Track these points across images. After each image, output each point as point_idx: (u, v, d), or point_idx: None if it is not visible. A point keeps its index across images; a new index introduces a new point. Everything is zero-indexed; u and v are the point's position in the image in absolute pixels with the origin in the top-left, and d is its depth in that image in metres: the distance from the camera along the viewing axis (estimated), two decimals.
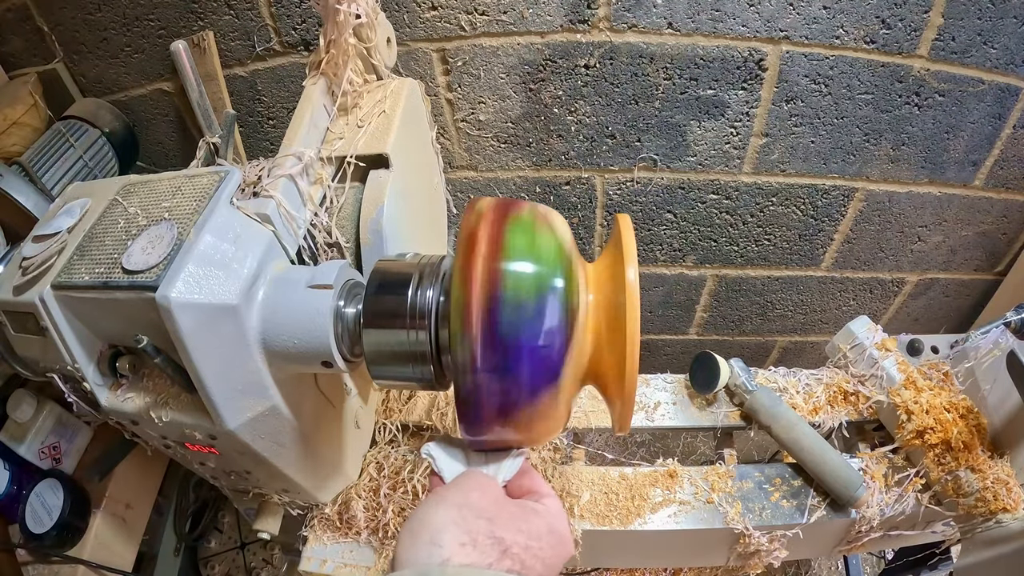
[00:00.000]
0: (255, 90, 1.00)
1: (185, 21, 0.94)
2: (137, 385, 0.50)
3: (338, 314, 0.46)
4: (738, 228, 1.11)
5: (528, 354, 0.36)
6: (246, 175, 0.54)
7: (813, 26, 0.87)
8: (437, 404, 0.74)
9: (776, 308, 1.26)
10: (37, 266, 0.48)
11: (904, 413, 0.72)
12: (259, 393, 0.47)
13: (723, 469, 0.73)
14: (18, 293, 0.48)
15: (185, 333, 0.41)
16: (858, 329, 0.82)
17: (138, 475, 1.05)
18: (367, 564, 0.67)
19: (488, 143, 1.02)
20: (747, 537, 0.68)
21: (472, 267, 0.37)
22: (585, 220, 1.12)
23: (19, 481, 0.90)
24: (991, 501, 0.67)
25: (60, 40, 0.98)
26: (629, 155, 1.01)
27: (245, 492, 0.67)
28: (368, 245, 0.59)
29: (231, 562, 1.50)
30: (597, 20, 0.87)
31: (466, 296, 0.36)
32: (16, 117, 0.93)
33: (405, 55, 0.92)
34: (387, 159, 0.59)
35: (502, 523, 0.34)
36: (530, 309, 0.36)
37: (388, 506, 0.67)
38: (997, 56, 0.91)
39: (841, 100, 0.94)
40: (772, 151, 1.00)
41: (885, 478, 0.72)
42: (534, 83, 0.94)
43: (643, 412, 0.78)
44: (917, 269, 1.21)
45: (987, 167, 1.05)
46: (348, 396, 0.64)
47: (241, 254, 0.45)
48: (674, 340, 1.34)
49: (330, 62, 0.61)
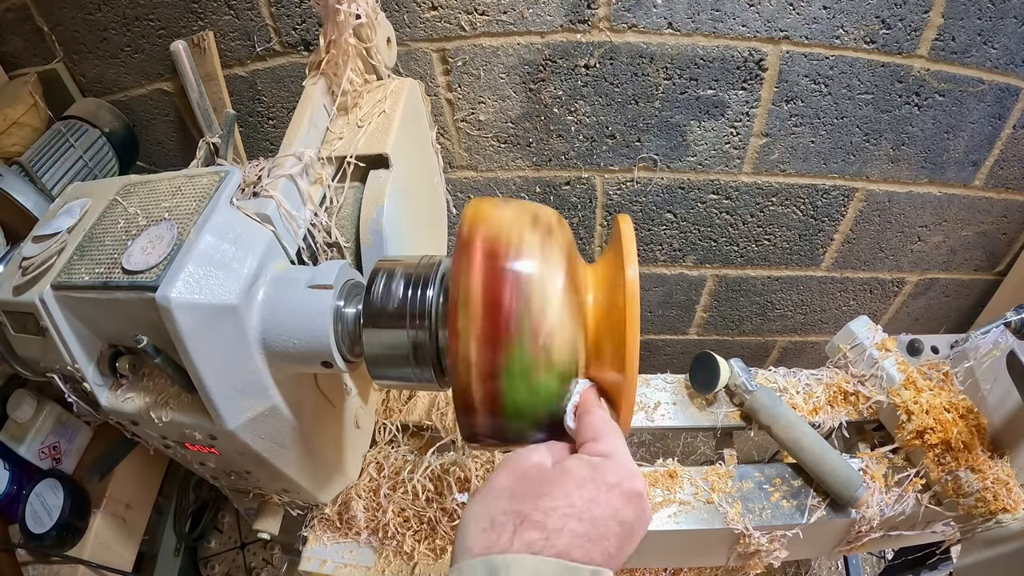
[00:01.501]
0: (255, 90, 1.00)
1: (185, 21, 0.94)
2: (137, 385, 0.50)
3: (338, 314, 0.46)
4: (738, 228, 1.11)
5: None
6: (246, 175, 0.54)
7: (813, 26, 0.87)
8: (437, 404, 0.74)
9: (776, 308, 1.26)
10: (37, 266, 0.48)
11: (904, 413, 0.72)
12: (259, 393, 0.47)
13: (723, 469, 0.73)
14: (18, 293, 0.48)
15: (185, 333, 0.41)
16: (858, 329, 0.82)
17: (138, 475, 1.05)
18: (367, 564, 0.67)
19: (488, 143, 1.02)
20: (747, 537, 0.68)
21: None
22: (585, 220, 1.11)
23: (19, 481, 0.90)
24: (991, 501, 0.67)
25: (60, 40, 0.98)
26: (629, 155, 1.01)
27: (245, 492, 0.67)
28: (368, 245, 0.59)
29: (231, 562, 1.50)
30: (597, 20, 0.87)
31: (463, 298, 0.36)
32: (16, 117, 0.93)
33: (405, 55, 0.92)
34: (387, 159, 0.59)
35: (521, 495, 0.32)
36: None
37: (388, 506, 0.67)
38: (997, 56, 0.91)
39: (841, 100, 0.94)
40: (772, 151, 1.00)
41: (885, 478, 0.72)
42: (534, 83, 0.94)
43: (643, 412, 0.78)
44: (917, 269, 1.21)
45: (987, 167, 1.05)
46: (348, 396, 0.64)
47: (241, 254, 0.45)
48: (674, 340, 1.34)
49: (330, 62, 0.61)
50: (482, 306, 0.36)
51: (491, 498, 0.33)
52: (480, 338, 0.36)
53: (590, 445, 0.35)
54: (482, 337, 0.36)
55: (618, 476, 0.33)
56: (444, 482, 0.66)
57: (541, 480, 0.33)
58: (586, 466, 0.34)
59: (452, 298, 0.36)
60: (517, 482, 0.33)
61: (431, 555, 0.67)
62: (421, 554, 0.67)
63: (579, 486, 0.32)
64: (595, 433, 0.36)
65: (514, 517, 0.31)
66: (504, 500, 0.32)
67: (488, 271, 0.36)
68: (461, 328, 0.36)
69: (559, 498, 0.31)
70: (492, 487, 0.34)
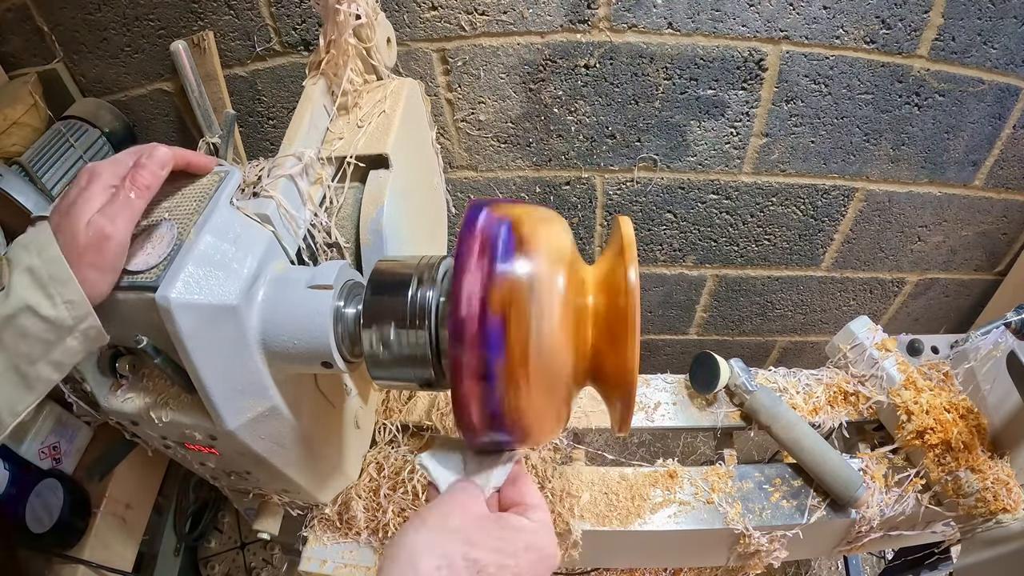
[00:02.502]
0: (255, 90, 1.00)
1: (185, 21, 0.94)
2: (137, 385, 0.50)
3: (338, 314, 0.46)
4: (738, 228, 1.11)
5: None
6: (246, 175, 0.54)
7: (813, 26, 0.87)
8: (437, 404, 0.74)
9: (776, 308, 1.26)
10: None
11: (904, 413, 0.72)
12: (259, 393, 0.47)
13: (723, 469, 0.73)
14: None
15: (185, 334, 0.41)
16: (858, 329, 0.81)
17: (138, 475, 1.05)
18: (367, 564, 0.67)
19: (488, 143, 1.02)
20: (747, 537, 0.68)
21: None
22: (585, 220, 1.12)
23: (19, 481, 0.90)
24: (991, 501, 0.67)
25: (60, 40, 0.98)
26: (629, 155, 1.01)
27: (245, 492, 0.67)
28: (368, 245, 0.58)
29: (231, 562, 1.50)
30: (597, 20, 0.87)
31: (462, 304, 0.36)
32: (16, 117, 0.93)
33: (405, 55, 0.92)
34: (387, 159, 0.59)
35: (479, 543, 0.35)
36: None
37: (388, 506, 0.67)
38: (997, 56, 0.91)
39: (841, 100, 0.94)
40: (772, 151, 1.00)
41: (885, 478, 0.72)
42: (534, 83, 0.94)
43: (643, 412, 0.78)
44: (917, 269, 1.21)
45: (987, 167, 1.05)
46: (348, 396, 0.64)
47: (241, 254, 0.45)
48: (674, 340, 1.34)
49: (330, 62, 0.61)
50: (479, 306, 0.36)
51: (447, 536, 0.35)
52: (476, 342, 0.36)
53: (530, 510, 0.39)
54: (479, 340, 0.36)
55: (551, 546, 0.38)
56: None
57: (494, 532, 0.37)
58: (531, 530, 0.38)
59: (454, 293, 0.36)
60: (472, 528, 0.36)
61: None
62: None
63: (526, 549, 0.36)
64: (533, 500, 0.40)
65: (472, 566, 0.34)
66: (460, 543, 0.35)
67: (488, 271, 0.36)
68: (460, 330, 0.36)
69: (509, 556, 0.35)
70: (447, 524, 0.36)
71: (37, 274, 0.38)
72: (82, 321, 0.39)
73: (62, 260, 0.38)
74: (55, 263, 0.38)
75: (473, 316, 0.36)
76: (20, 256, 0.38)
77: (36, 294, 0.38)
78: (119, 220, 0.40)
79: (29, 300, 0.37)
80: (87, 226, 0.39)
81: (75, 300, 0.39)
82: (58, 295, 0.38)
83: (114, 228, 0.39)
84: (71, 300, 0.38)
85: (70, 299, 0.38)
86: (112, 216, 0.40)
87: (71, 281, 0.38)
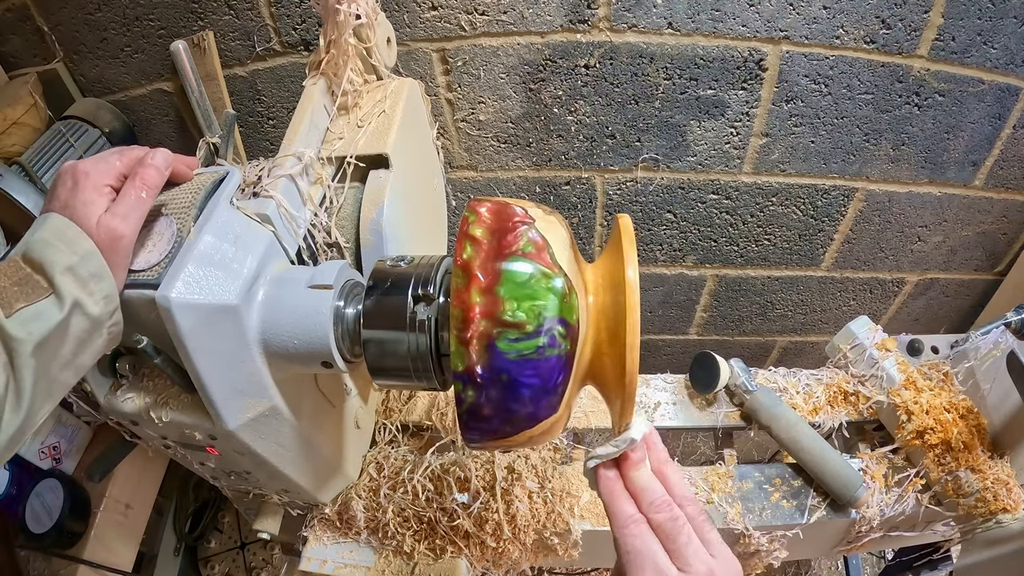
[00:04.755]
0: (255, 90, 1.00)
1: (185, 21, 0.94)
2: (137, 385, 0.50)
3: (338, 314, 0.46)
4: (738, 228, 1.11)
5: (529, 367, 0.36)
6: (246, 175, 0.54)
7: (813, 26, 0.87)
8: (437, 404, 0.74)
9: (776, 308, 1.26)
10: None
11: (904, 413, 0.72)
12: (259, 393, 0.47)
13: (723, 469, 0.73)
14: None
15: (185, 333, 0.41)
16: (858, 329, 0.82)
17: (138, 475, 1.05)
18: (367, 564, 0.67)
19: (488, 143, 1.02)
20: (747, 537, 0.68)
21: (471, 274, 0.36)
22: (585, 220, 1.11)
23: (19, 481, 0.90)
24: (991, 501, 0.67)
25: (60, 40, 0.98)
26: (629, 155, 1.01)
27: (245, 492, 0.67)
28: (368, 245, 0.59)
29: (231, 562, 1.50)
30: (597, 20, 0.87)
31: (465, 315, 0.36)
32: (16, 117, 0.93)
33: (405, 55, 0.92)
34: (387, 159, 0.59)
35: None
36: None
37: (388, 506, 0.67)
38: (997, 56, 0.91)
39: (841, 100, 0.94)
40: (772, 151, 1.00)
41: (885, 478, 0.72)
42: (534, 83, 0.94)
43: (643, 412, 0.78)
44: (917, 269, 1.21)
45: (987, 167, 1.05)
46: (348, 396, 0.64)
47: (241, 254, 0.45)
48: (674, 340, 1.34)
49: (330, 62, 0.61)
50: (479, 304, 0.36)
51: None
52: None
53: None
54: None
55: None
56: (444, 482, 0.66)
57: None
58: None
59: (452, 316, 0.36)
60: None
61: (431, 555, 0.67)
62: (421, 554, 0.67)
63: None
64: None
65: None
66: None
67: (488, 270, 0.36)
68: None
69: None
70: None
71: (78, 272, 0.37)
72: (110, 317, 0.39)
73: (98, 254, 0.38)
74: (91, 258, 0.38)
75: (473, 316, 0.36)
76: (48, 254, 0.37)
77: (81, 292, 0.37)
78: (131, 219, 0.40)
79: (78, 297, 0.37)
80: (97, 227, 0.39)
81: (109, 294, 0.39)
82: (98, 291, 0.38)
83: (127, 227, 0.40)
84: (107, 295, 0.39)
85: (107, 294, 0.38)
86: (124, 216, 0.40)
87: (107, 276, 0.38)
